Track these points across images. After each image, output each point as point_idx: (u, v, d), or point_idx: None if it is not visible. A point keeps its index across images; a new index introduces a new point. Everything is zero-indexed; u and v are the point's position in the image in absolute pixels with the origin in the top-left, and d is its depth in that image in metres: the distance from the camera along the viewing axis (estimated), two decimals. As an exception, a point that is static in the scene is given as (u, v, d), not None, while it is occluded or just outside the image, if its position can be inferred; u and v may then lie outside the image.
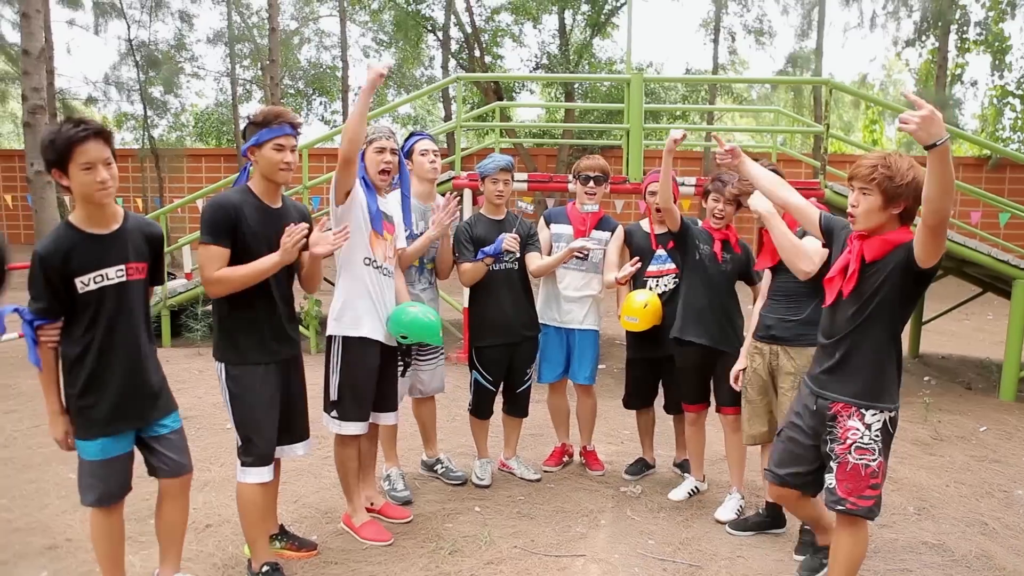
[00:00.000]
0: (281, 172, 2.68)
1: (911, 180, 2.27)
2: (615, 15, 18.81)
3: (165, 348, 7.18)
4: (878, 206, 2.31)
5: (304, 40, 21.72)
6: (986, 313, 11.22)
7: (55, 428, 2.47)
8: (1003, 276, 6.35)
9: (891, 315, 2.40)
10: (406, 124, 24.13)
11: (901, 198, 2.30)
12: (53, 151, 2.26)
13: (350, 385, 3.10)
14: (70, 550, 3.06)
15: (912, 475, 4.24)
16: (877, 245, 2.36)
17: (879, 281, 2.36)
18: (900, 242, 2.34)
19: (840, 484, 2.44)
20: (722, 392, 3.60)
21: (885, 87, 26.25)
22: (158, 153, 17.05)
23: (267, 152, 2.65)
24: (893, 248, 2.34)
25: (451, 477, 3.91)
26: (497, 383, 3.86)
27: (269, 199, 2.74)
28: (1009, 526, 3.61)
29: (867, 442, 2.42)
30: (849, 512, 2.44)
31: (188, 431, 4.52)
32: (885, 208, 2.31)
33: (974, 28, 16.64)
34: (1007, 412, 5.72)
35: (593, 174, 3.93)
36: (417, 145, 3.67)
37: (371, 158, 3.22)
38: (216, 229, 2.58)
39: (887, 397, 2.43)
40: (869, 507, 2.43)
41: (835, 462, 2.47)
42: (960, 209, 14.76)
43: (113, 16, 17.42)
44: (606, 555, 3.14)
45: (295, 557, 3.01)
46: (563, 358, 4.02)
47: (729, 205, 3.55)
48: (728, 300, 3.63)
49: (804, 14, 17.95)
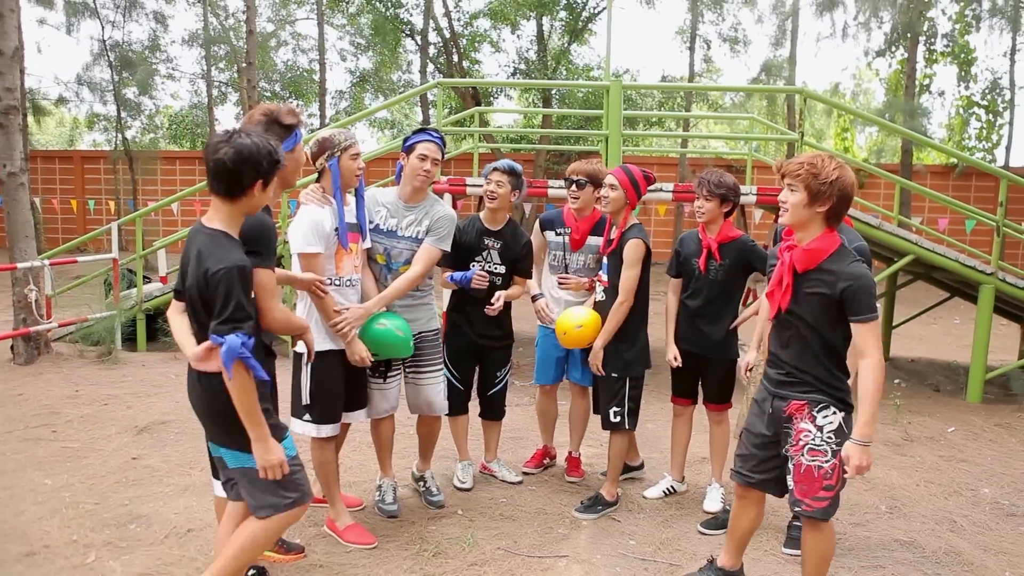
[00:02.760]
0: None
1: (835, 179, 2.37)
2: (592, 22, 18.98)
3: (140, 352, 7.10)
4: (803, 202, 2.41)
5: (281, 43, 21.59)
6: (953, 317, 11.49)
7: (274, 453, 2.26)
8: (970, 281, 6.53)
9: (831, 323, 2.45)
10: (384, 128, 24.03)
11: (825, 196, 2.39)
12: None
13: (321, 391, 3.11)
14: (48, 556, 3.02)
15: (884, 475, 4.34)
16: (805, 256, 2.44)
17: (812, 290, 2.44)
18: (828, 252, 2.42)
19: (796, 486, 2.52)
20: (709, 390, 3.74)
21: (856, 96, 26.75)
22: (132, 155, 16.81)
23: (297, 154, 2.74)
24: (821, 261, 2.42)
25: (431, 501, 3.67)
26: (465, 382, 3.86)
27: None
28: (976, 523, 3.72)
29: (819, 444, 2.47)
30: (805, 514, 2.51)
31: (166, 436, 4.53)
32: (810, 205, 2.41)
33: (941, 40, 17.04)
34: (974, 413, 5.88)
35: (575, 177, 3.86)
36: (419, 146, 3.38)
37: (347, 165, 3.09)
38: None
39: (837, 399, 2.49)
40: (824, 508, 2.49)
41: (792, 463, 2.54)
42: (928, 216, 15.11)
43: (86, 16, 17.17)
44: (588, 555, 3.18)
45: (282, 560, 3.01)
46: (560, 361, 4.01)
47: (709, 201, 3.53)
48: (721, 307, 3.64)
49: (778, 24, 18.24)
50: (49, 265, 6.61)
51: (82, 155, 19.09)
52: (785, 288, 2.49)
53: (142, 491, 3.69)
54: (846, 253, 2.44)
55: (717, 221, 3.60)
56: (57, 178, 18.68)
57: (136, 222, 7.74)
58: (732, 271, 3.62)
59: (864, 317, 2.36)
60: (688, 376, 3.76)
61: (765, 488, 2.71)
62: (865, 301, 2.36)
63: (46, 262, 6.59)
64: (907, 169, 15.43)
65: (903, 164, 15.67)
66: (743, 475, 2.71)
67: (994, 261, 6.37)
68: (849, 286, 2.35)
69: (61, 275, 10.95)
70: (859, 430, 2.36)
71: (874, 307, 2.38)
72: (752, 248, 3.63)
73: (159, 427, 4.67)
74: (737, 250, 3.60)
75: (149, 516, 3.39)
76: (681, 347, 3.70)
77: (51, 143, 29.30)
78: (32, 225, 6.55)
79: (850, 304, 2.37)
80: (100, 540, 3.15)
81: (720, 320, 3.65)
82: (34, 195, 15.92)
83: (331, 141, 3.07)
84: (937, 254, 6.38)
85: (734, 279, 3.65)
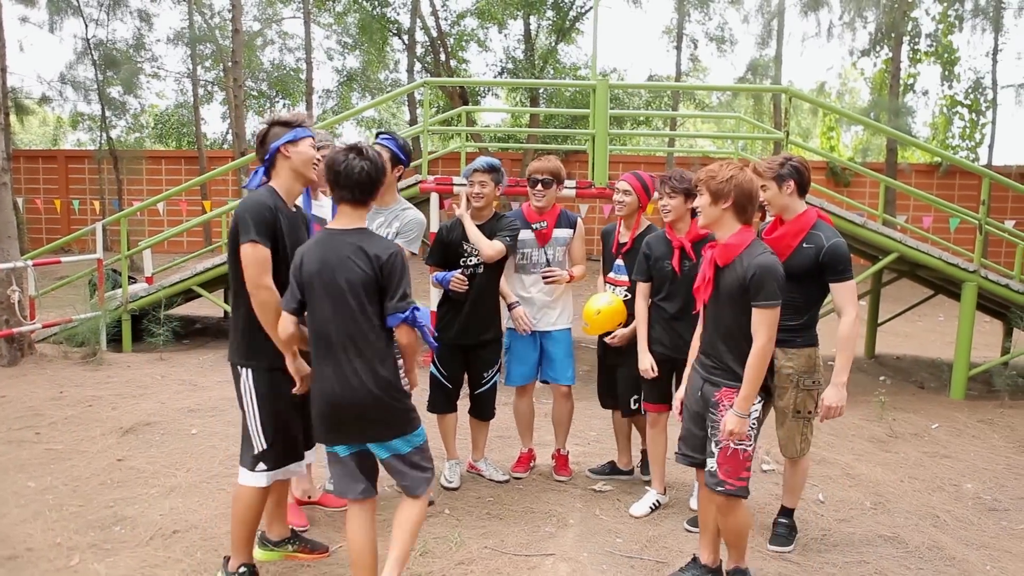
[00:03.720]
0: (314, 169, 2.75)
1: (729, 178, 2.66)
2: (580, 21, 19.00)
3: (126, 353, 7.04)
4: (708, 202, 2.72)
5: (267, 42, 21.46)
6: (937, 315, 11.60)
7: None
8: (954, 279, 6.60)
9: (747, 311, 2.66)
10: (370, 127, 23.95)
11: (724, 195, 2.68)
12: None
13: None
14: (31, 560, 3.00)
15: (869, 471, 4.38)
16: (723, 251, 2.72)
17: (730, 282, 2.68)
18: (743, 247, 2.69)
19: (720, 467, 2.71)
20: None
21: (841, 95, 26.95)
22: (116, 154, 16.66)
23: (304, 148, 2.71)
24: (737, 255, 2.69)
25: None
26: (453, 381, 3.88)
27: (290, 200, 2.76)
28: (959, 518, 3.76)
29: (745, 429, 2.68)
30: (729, 492, 2.71)
31: (152, 437, 4.50)
32: (714, 204, 2.71)
33: (925, 40, 17.20)
34: (957, 410, 5.94)
35: (541, 176, 3.89)
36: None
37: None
38: (262, 229, 2.55)
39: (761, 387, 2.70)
40: (745, 487, 2.72)
41: (718, 448, 2.71)
42: (913, 214, 15.24)
43: (69, 14, 16.99)
44: (575, 554, 3.19)
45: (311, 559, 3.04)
46: (534, 361, 4.02)
47: (673, 199, 3.49)
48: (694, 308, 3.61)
49: (764, 23, 18.34)
50: (33, 266, 6.55)
51: (66, 154, 18.88)
52: (707, 281, 2.76)
53: (127, 493, 3.67)
54: (757, 245, 2.71)
55: (684, 219, 3.54)
56: (41, 178, 18.48)
57: (121, 222, 7.68)
58: None
59: (763, 303, 2.61)
60: (664, 381, 3.61)
61: (700, 466, 2.87)
62: (768, 290, 2.60)
63: (29, 263, 6.52)
64: (892, 168, 15.57)
65: (888, 163, 15.81)
66: (684, 455, 2.93)
67: (977, 259, 6.44)
68: (755, 273, 2.61)
69: (45, 276, 10.86)
70: (739, 403, 2.65)
71: (775, 296, 2.61)
72: None
73: (144, 428, 4.63)
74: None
75: (134, 518, 3.37)
76: (656, 351, 3.60)
77: (34, 142, 28.98)
78: (15, 225, 6.50)
79: (753, 290, 2.62)
80: (84, 543, 3.13)
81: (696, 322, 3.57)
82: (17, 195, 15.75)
83: None
84: (921, 252, 6.45)
85: None
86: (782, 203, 3.20)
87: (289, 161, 2.71)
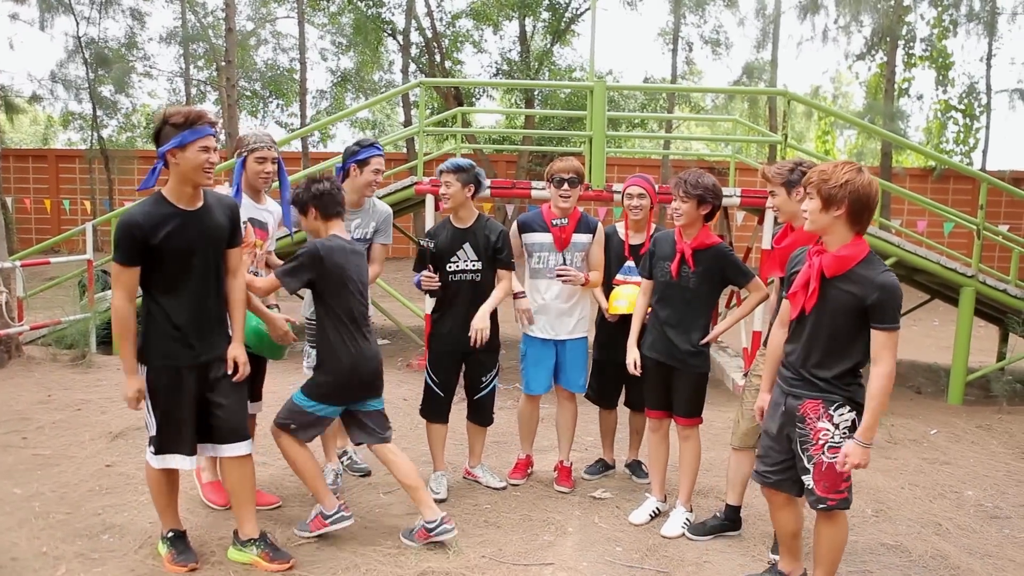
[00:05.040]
0: (205, 174, 2.67)
1: (845, 183, 2.43)
2: (575, 23, 18.98)
3: (115, 356, 6.94)
4: (819, 207, 2.50)
5: (261, 41, 21.35)
6: (932, 319, 11.60)
7: None
8: (951, 283, 6.58)
9: (850, 327, 2.52)
10: (365, 129, 23.85)
11: (837, 200, 2.45)
12: None
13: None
14: (15, 569, 2.91)
15: (869, 478, 4.34)
16: (835, 262, 2.50)
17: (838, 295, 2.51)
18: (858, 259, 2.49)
19: (818, 484, 2.60)
20: (678, 403, 3.52)
21: (836, 99, 27.03)
22: (108, 154, 16.52)
23: (192, 154, 2.64)
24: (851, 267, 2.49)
25: (355, 469, 4.07)
26: (446, 388, 3.80)
27: (187, 203, 2.72)
28: (961, 526, 3.72)
29: (837, 441, 2.58)
30: (830, 508, 2.61)
31: (142, 442, 4.33)
32: (825, 210, 2.48)
33: (920, 44, 17.28)
34: (955, 415, 5.91)
35: (567, 176, 3.79)
36: (374, 160, 3.73)
37: (252, 167, 3.31)
38: (126, 248, 2.66)
39: (848, 398, 2.58)
40: (846, 498, 2.63)
41: (811, 463, 2.60)
42: (907, 218, 15.28)
43: (60, 12, 16.85)
44: (574, 563, 3.13)
45: (268, 569, 2.94)
46: (551, 369, 3.93)
47: (686, 203, 3.35)
48: (692, 318, 3.45)
49: (760, 27, 18.38)
50: (21, 266, 6.43)
51: (57, 154, 18.71)
52: (812, 291, 2.55)
53: (116, 500, 3.58)
54: (876, 261, 2.50)
55: (695, 224, 3.40)
56: (30, 177, 18.30)
57: (112, 222, 7.58)
58: (705, 280, 3.43)
59: (887, 326, 2.45)
60: (660, 387, 3.55)
61: (782, 487, 2.76)
62: (891, 312, 2.44)
63: (18, 263, 6.42)
64: (887, 171, 15.59)
65: (883, 167, 15.82)
66: (761, 475, 2.81)
67: (975, 263, 6.42)
68: (878, 295, 2.43)
69: (34, 276, 10.74)
70: (863, 432, 2.49)
71: (897, 318, 2.46)
72: (727, 256, 3.45)
73: (134, 433, 4.54)
74: (712, 257, 3.41)
75: (123, 526, 3.29)
76: (650, 356, 3.53)
77: (25, 141, 28.76)
78: (3, 225, 6.40)
79: (876, 312, 2.45)
80: (71, 551, 3.05)
81: (690, 332, 3.44)
82: (6, 194, 15.62)
83: (243, 141, 3.33)
84: (919, 256, 6.42)
85: (707, 289, 3.46)
86: (792, 210, 3.08)
87: (177, 167, 2.66)
